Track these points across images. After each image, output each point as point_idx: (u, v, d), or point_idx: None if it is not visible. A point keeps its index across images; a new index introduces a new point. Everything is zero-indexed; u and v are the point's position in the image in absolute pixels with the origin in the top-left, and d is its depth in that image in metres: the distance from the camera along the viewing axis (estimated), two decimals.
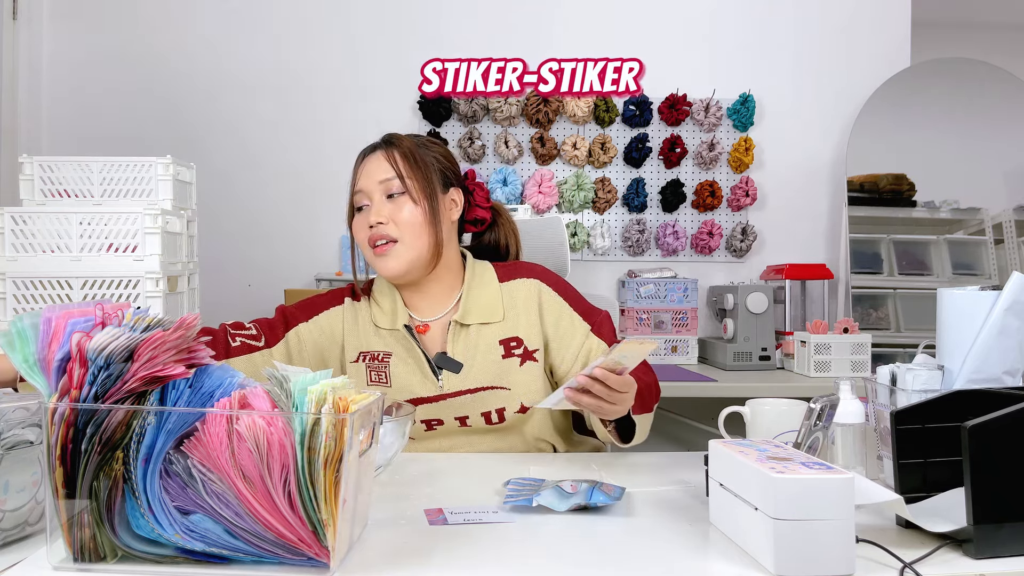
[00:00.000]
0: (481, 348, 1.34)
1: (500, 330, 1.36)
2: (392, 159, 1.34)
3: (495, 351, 1.34)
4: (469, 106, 2.97)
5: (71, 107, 3.01)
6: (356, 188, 1.37)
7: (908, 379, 1.07)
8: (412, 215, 1.32)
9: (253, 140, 3.05)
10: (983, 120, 3.11)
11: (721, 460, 0.90)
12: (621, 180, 3.09)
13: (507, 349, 1.34)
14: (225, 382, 0.81)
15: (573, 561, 0.82)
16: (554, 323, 1.37)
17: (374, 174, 1.35)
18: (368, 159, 1.37)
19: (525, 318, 1.36)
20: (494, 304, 1.36)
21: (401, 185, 1.33)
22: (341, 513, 0.75)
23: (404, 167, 1.34)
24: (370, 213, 1.33)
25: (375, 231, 1.33)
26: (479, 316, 1.35)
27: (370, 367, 1.37)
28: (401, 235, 1.32)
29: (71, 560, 0.76)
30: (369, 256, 1.36)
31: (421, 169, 1.35)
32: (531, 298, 1.37)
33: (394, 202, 1.33)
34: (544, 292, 1.38)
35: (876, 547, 0.82)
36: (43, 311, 0.76)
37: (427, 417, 1.35)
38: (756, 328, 2.71)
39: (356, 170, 1.38)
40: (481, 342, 1.35)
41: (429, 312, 1.39)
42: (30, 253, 1.61)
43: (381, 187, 1.34)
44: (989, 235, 3.06)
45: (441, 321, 1.38)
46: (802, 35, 3.13)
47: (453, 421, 1.35)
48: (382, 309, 1.39)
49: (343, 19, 3.06)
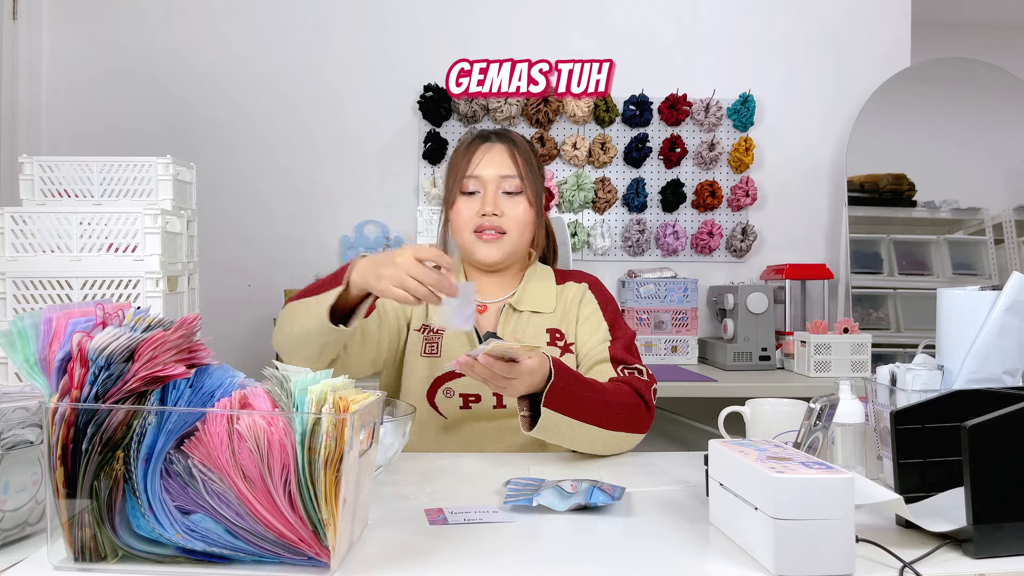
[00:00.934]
0: (529, 332, 1.44)
1: (548, 320, 1.46)
2: (515, 158, 1.45)
3: (541, 338, 1.44)
4: (469, 106, 2.97)
5: (71, 107, 3.01)
6: (472, 173, 1.44)
7: (908, 379, 1.07)
8: (525, 215, 1.44)
9: (253, 140, 3.05)
10: (983, 120, 3.11)
11: (721, 460, 0.90)
12: (621, 180, 3.09)
13: (552, 338, 1.44)
14: (225, 382, 0.81)
15: (573, 561, 0.82)
16: (584, 319, 1.46)
17: (496, 167, 1.44)
18: (491, 150, 1.45)
19: (568, 314, 1.47)
20: (548, 298, 1.47)
21: (520, 185, 1.44)
22: (341, 513, 0.75)
23: (524, 169, 1.45)
24: (484, 201, 1.42)
25: (487, 220, 1.42)
26: (531, 305, 1.46)
27: (426, 338, 1.44)
28: (510, 229, 1.43)
29: (71, 560, 0.76)
30: (470, 239, 1.45)
31: (537, 173, 1.48)
32: (576, 297, 1.49)
33: (510, 198, 1.44)
34: (587, 294, 1.49)
35: (876, 547, 0.82)
36: (44, 311, 0.76)
37: (468, 391, 1.39)
38: (756, 328, 2.71)
39: (471, 154, 1.45)
40: (530, 328, 1.45)
41: (488, 295, 1.49)
42: (30, 253, 1.61)
43: (501, 181, 1.43)
44: (989, 235, 3.06)
45: (497, 305, 1.48)
46: (802, 35, 3.13)
47: (491, 398, 1.39)
48: None
49: (343, 19, 3.07)
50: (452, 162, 1.49)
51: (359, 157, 3.07)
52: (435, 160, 3.03)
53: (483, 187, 1.43)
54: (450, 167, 1.49)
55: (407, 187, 3.08)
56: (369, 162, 3.08)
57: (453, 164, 1.48)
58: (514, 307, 1.46)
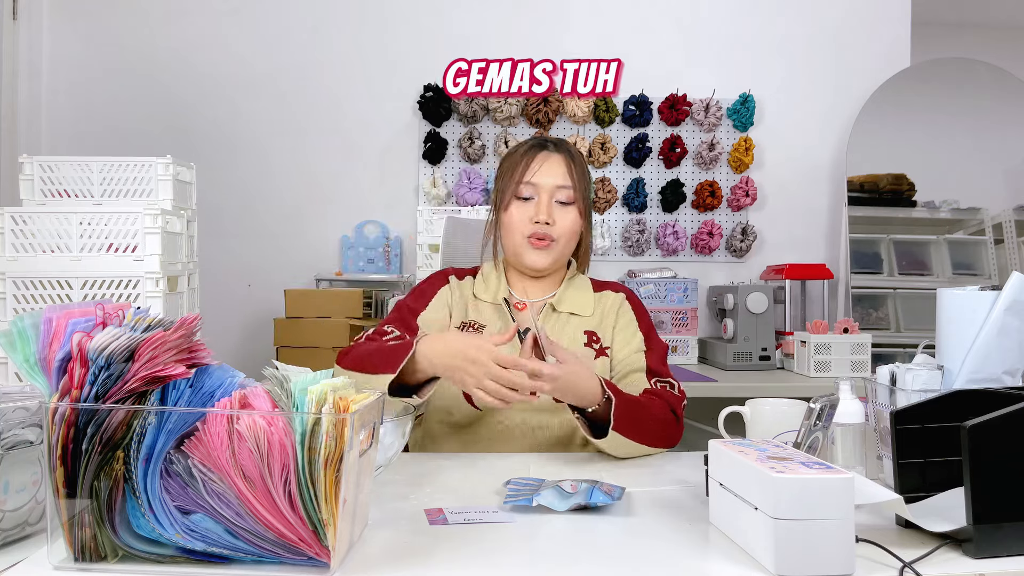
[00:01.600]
0: (568, 332, 1.47)
1: (586, 323, 1.50)
2: (571, 170, 1.47)
3: (579, 339, 1.47)
4: (469, 106, 2.97)
5: (71, 107, 3.01)
6: (528, 180, 1.46)
7: (908, 379, 1.07)
8: (575, 225, 1.48)
9: (253, 140, 3.05)
10: (983, 120, 3.11)
11: (721, 460, 0.90)
12: (621, 180, 3.09)
13: (589, 340, 1.47)
14: (225, 382, 0.81)
15: (573, 561, 0.82)
16: (621, 328, 1.50)
17: (553, 176, 1.47)
18: (549, 159, 1.48)
19: (606, 320, 1.51)
20: (586, 303, 1.51)
21: (573, 196, 1.47)
22: (341, 513, 0.75)
23: (579, 181, 1.48)
24: (539, 209, 1.45)
25: (540, 228, 1.45)
26: (571, 307, 1.50)
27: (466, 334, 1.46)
28: (559, 238, 1.47)
29: (72, 560, 0.76)
30: (521, 244, 1.47)
31: (589, 187, 1.52)
32: (614, 305, 1.52)
33: (562, 208, 1.47)
34: (624, 304, 1.53)
35: (876, 547, 0.82)
36: (44, 311, 0.76)
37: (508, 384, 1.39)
38: (756, 328, 2.71)
39: (528, 161, 1.48)
40: (568, 328, 1.48)
41: (528, 296, 1.53)
42: (30, 253, 1.61)
43: (556, 191, 1.46)
44: (989, 235, 3.06)
45: (536, 304, 1.52)
46: (802, 35, 3.13)
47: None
48: (488, 283, 1.53)
49: (343, 19, 3.07)
50: (507, 165, 1.50)
51: (359, 157, 3.07)
52: (435, 160, 3.03)
53: (538, 194, 1.46)
54: (504, 170, 1.51)
55: (407, 187, 3.08)
56: (369, 162, 3.08)
57: (508, 167, 1.50)
58: (554, 307, 1.49)
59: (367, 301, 2.77)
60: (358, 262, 3.03)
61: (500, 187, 1.50)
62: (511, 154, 1.52)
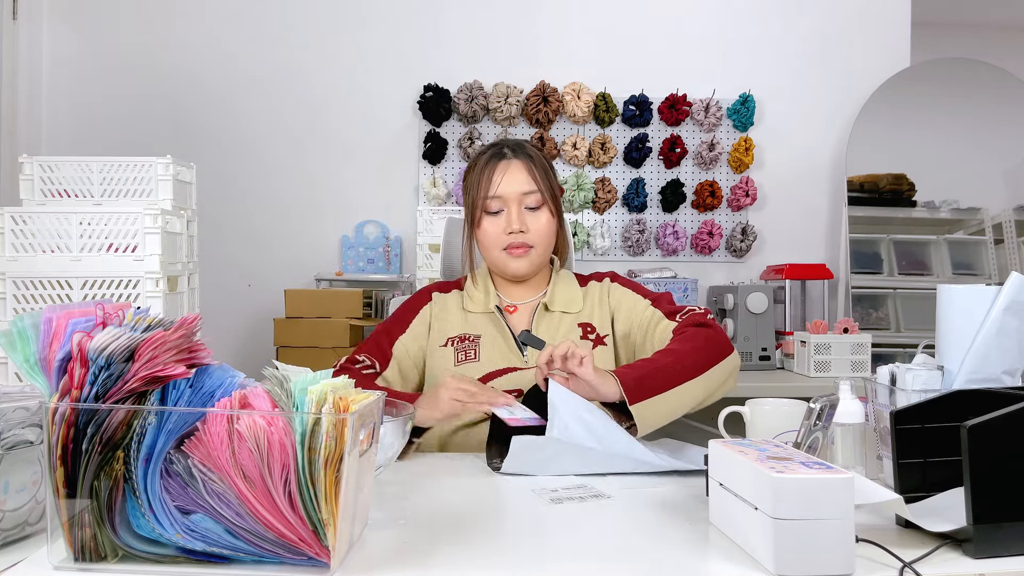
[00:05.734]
0: (563, 329, 1.50)
1: (578, 317, 1.52)
2: (533, 173, 1.48)
3: (574, 332, 1.50)
4: (469, 106, 2.97)
5: (71, 107, 3.01)
6: (493, 194, 1.47)
7: (908, 379, 1.07)
8: (549, 226, 1.49)
9: (253, 140, 3.05)
10: (983, 120, 3.12)
11: (721, 460, 0.90)
12: (621, 180, 3.09)
13: (584, 332, 1.50)
14: (225, 382, 0.81)
15: (573, 560, 0.82)
16: (618, 303, 1.53)
17: (516, 185, 1.47)
18: (509, 168, 1.47)
19: (598, 309, 1.53)
20: (575, 300, 1.53)
21: (541, 199, 1.48)
22: (341, 513, 0.75)
23: (543, 182, 1.48)
24: (510, 220, 1.46)
25: (515, 238, 1.47)
26: (562, 305, 1.52)
27: (458, 348, 1.49)
28: (536, 243, 1.48)
29: (72, 560, 0.76)
30: (499, 256, 1.49)
31: (554, 182, 1.52)
32: (603, 292, 1.55)
33: (532, 213, 1.48)
34: (612, 285, 1.56)
35: (876, 547, 0.82)
36: (44, 311, 0.76)
37: (510, 387, 1.41)
38: (756, 328, 2.71)
39: (490, 175, 1.47)
40: (563, 324, 1.50)
41: (519, 299, 1.55)
42: (30, 253, 1.61)
43: (523, 198, 1.47)
44: (989, 235, 3.06)
45: (528, 305, 1.54)
46: (802, 35, 3.13)
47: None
48: (473, 296, 1.54)
49: (343, 19, 3.07)
50: (471, 181, 1.50)
51: (359, 157, 3.07)
52: (435, 160, 3.03)
53: (506, 205, 1.47)
54: (469, 185, 1.51)
55: (407, 187, 3.08)
56: (369, 162, 3.08)
57: (472, 183, 1.49)
58: (547, 307, 1.51)
59: (367, 301, 2.77)
60: (358, 262, 3.03)
61: (468, 203, 1.51)
62: (471, 169, 1.52)
